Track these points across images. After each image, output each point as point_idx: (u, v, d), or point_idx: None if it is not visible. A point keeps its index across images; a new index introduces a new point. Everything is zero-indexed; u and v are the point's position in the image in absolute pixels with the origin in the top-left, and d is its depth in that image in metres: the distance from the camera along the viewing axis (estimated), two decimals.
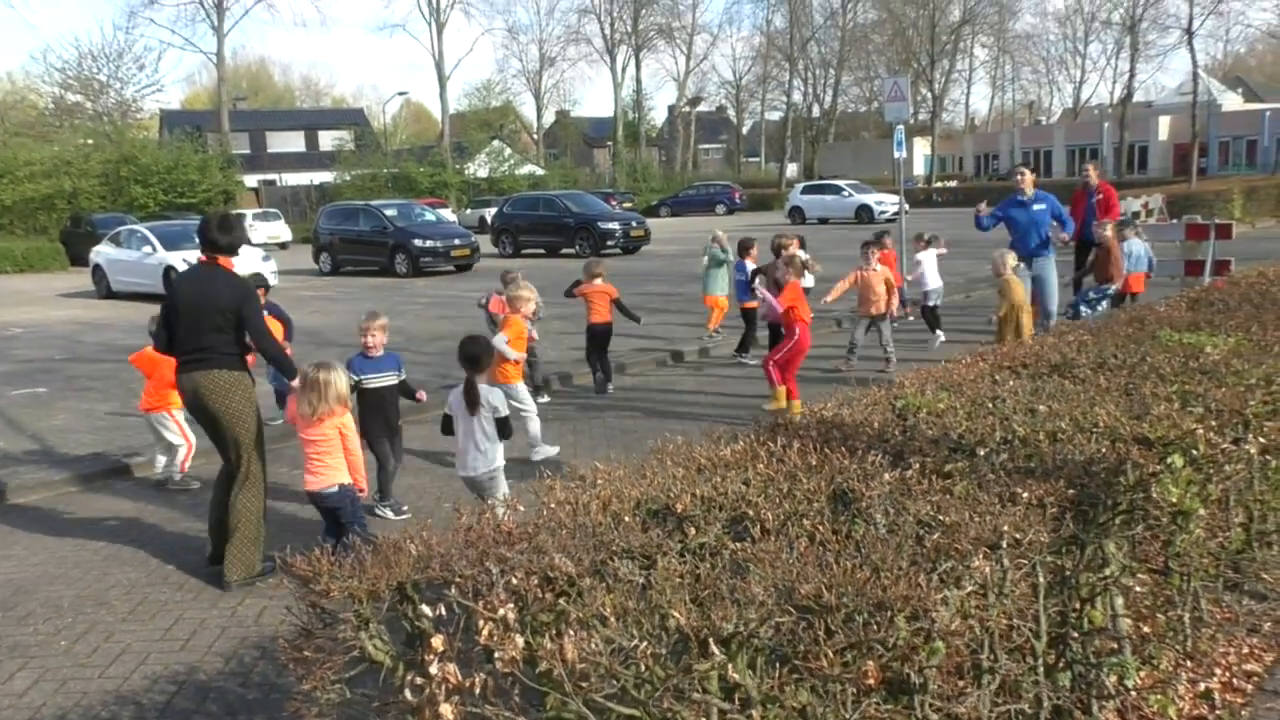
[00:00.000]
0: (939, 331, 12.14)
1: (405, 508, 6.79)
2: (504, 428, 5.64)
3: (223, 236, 5.68)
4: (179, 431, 7.49)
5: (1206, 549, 3.93)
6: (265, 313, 6.22)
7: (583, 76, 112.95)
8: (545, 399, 9.99)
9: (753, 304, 11.33)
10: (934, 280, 12.35)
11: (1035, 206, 11.33)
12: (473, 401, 5.58)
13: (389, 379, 6.82)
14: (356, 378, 6.53)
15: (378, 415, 6.77)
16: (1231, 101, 68.34)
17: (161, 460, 7.66)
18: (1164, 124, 63.51)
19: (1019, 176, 11.64)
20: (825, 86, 71.45)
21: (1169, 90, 71.83)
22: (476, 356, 5.67)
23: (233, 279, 5.70)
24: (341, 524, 5.53)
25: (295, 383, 5.70)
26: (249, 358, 5.77)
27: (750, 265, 11.56)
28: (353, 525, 5.46)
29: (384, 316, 6.98)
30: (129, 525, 6.76)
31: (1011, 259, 9.62)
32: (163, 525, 6.73)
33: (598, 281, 10.37)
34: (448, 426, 5.76)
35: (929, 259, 12.44)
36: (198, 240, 5.85)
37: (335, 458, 5.50)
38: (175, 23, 69.29)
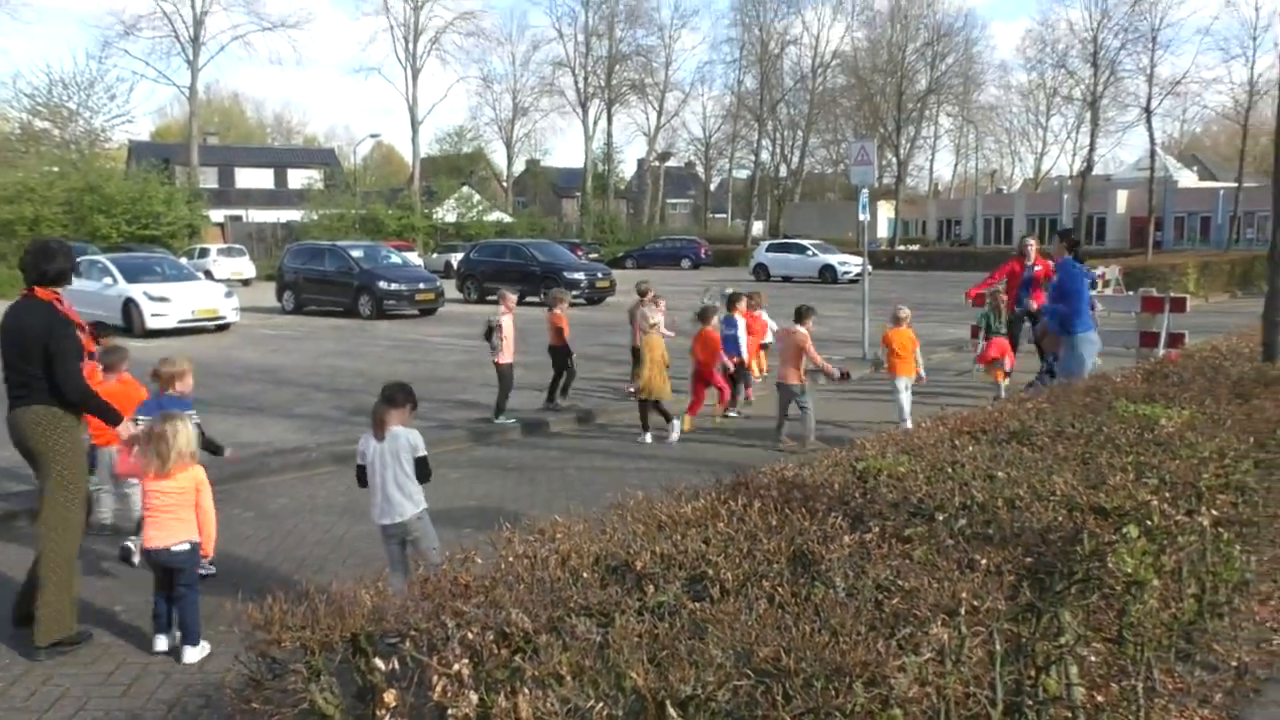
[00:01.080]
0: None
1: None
2: (423, 468, 5.49)
3: (46, 264, 5.31)
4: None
5: (1160, 619, 3.96)
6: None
7: (554, 127, 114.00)
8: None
9: (732, 358, 11.54)
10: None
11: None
12: (379, 432, 5.40)
13: None
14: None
15: None
16: (1187, 179, 70.14)
17: (106, 505, 7.25)
18: (1122, 197, 64.99)
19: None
20: (793, 147, 72.46)
21: (1127, 165, 73.52)
22: (392, 395, 5.50)
23: (45, 310, 5.26)
24: (176, 586, 5.13)
25: (120, 431, 5.45)
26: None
27: (740, 319, 11.68)
28: (188, 593, 5.12)
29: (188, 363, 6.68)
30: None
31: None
32: (103, 565, 6.57)
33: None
34: (362, 476, 5.52)
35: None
36: (20, 272, 5.40)
37: (187, 513, 5.12)
38: (149, 55, 68.85)
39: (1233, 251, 41.11)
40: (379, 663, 2.38)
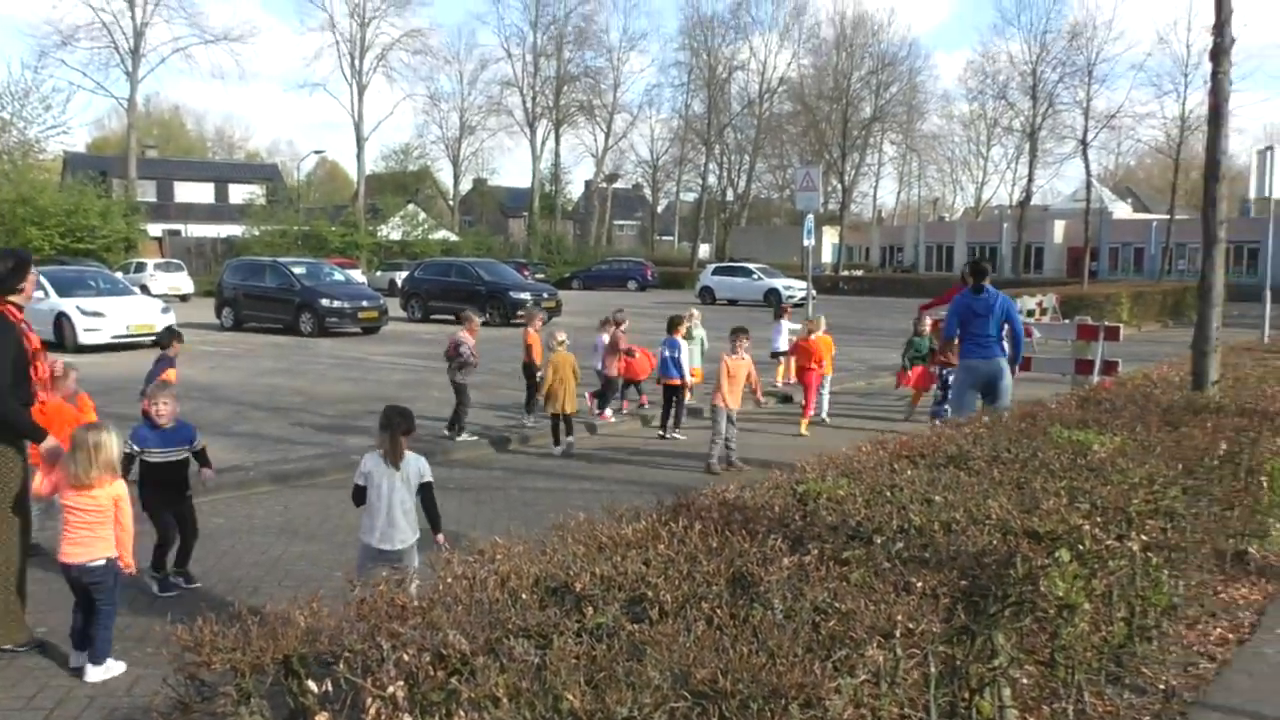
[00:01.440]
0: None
1: (186, 581, 6.39)
2: (428, 494, 5.42)
3: (12, 277, 5.25)
4: None
5: (1090, 642, 4.03)
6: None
7: (502, 147, 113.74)
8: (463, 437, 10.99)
9: (674, 380, 11.73)
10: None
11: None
12: (397, 458, 5.30)
13: (177, 454, 6.30)
14: (137, 449, 6.14)
15: (161, 490, 6.23)
16: (1122, 210, 71.99)
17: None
18: (1059, 228, 66.49)
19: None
20: (740, 171, 73.16)
21: (1065, 196, 75.27)
22: (399, 421, 5.36)
23: None
24: (92, 601, 5.04)
25: (44, 447, 5.26)
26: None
27: (681, 341, 11.77)
28: (104, 610, 5.02)
29: (173, 387, 6.60)
30: None
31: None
32: (31, 587, 6.39)
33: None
34: (360, 496, 5.38)
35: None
36: None
37: (106, 529, 5.02)
38: (88, 65, 67.51)
39: (1165, 282, 42.23)
40: (311, 685, 2.35)
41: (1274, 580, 6.32)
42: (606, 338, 12.58)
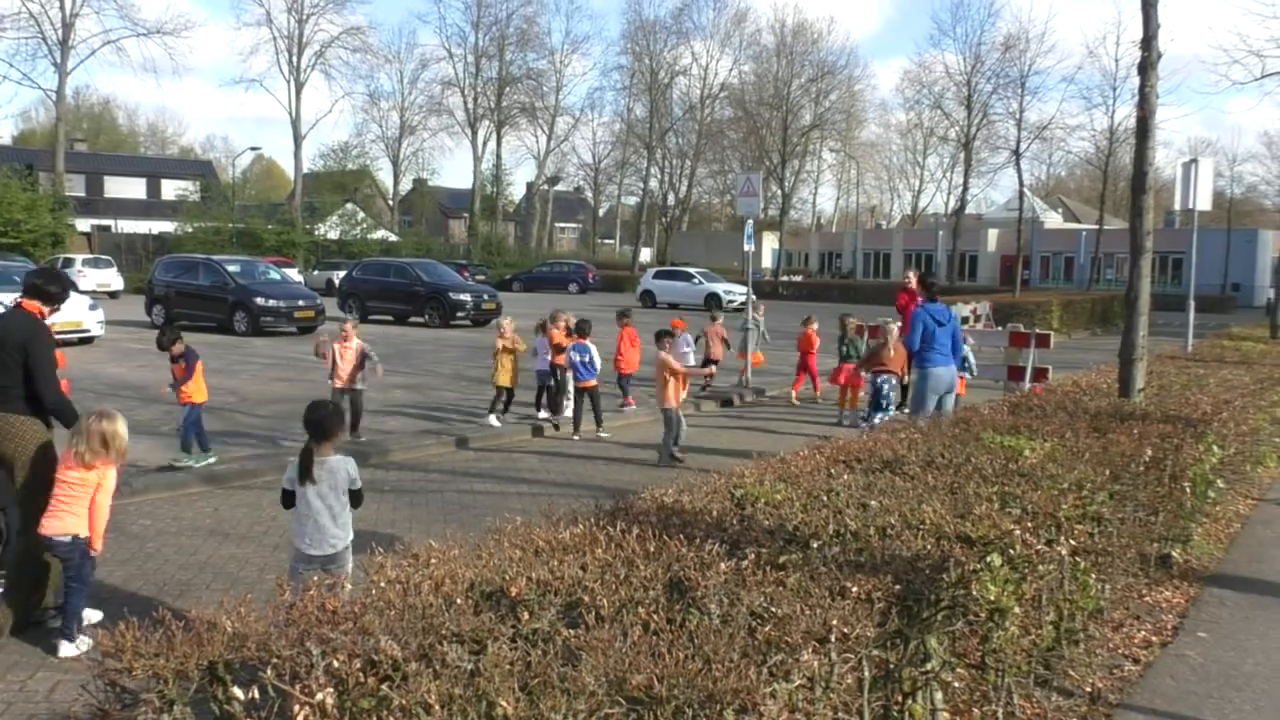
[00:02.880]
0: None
1: None
2: (357, 499, 5.29)
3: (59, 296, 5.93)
4: None
5: (1020, 646, 4.09)
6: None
7: (443, 147, 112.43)
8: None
9: (590, 383, 11.75)
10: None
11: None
12: (307, 471, 5.14)
13: None
14: None
15: None
16: (1053, 220, 73.53)
17: None
18: (992, 236, 67.75)
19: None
20: (681, 176, 73.37)
21: (998, 205, 76.69)
22: (320, 422, 5.20)
23: (28, 317, 5.74)
24: (65, 578, 5.26)
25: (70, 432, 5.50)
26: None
27: (592, 346, 11.82)
28: (74, 585, 5.21)
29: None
30: None
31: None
32: None
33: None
34: (289, 500, 5.23)
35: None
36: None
37: (80, 506, 5.22)
38: (14, 56, 65.83)
39: (1094, 291, 43.25)
40: (237, 692, 2.29)
41: (1196, 584, 6.49)
42: (547, 340, 12.57)
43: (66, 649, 5.11)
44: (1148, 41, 8.29)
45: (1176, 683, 4.93)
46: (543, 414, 12.51)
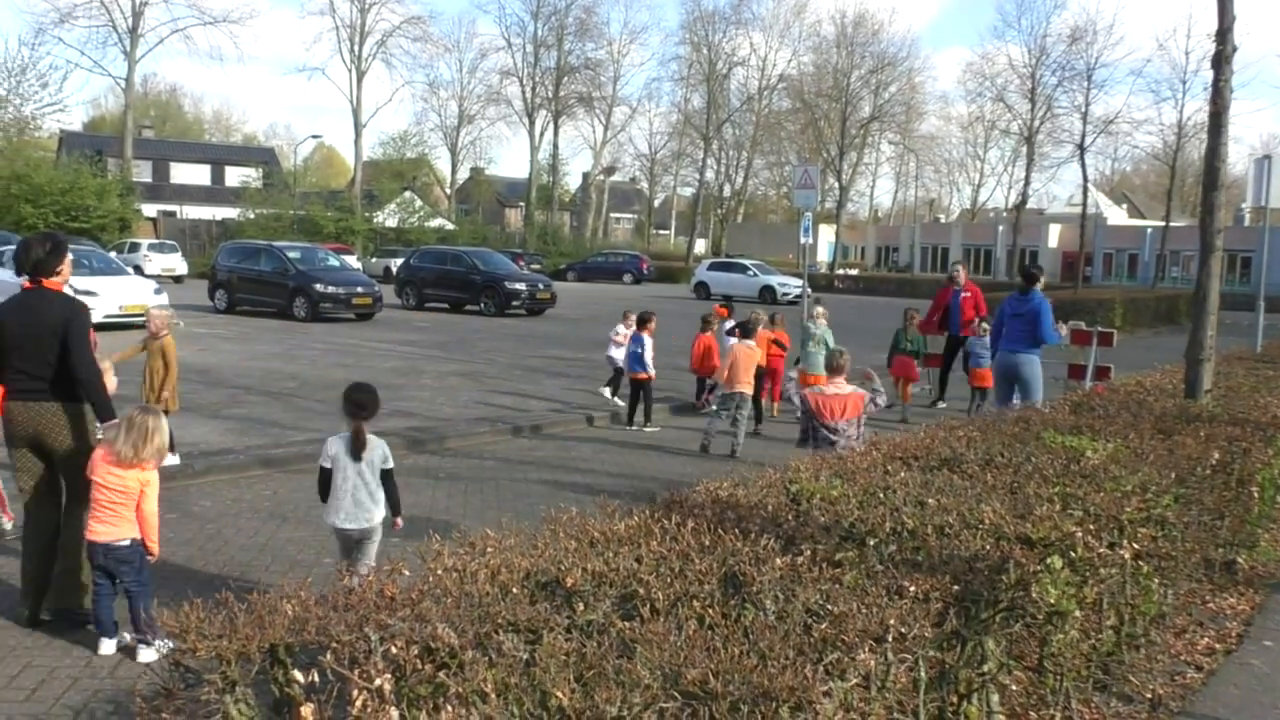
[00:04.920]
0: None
1: None
2: (389, 479, 5.44)
3: (52, 259, 5.42)
4: None
5: (1079, 650, 4.02)
6: None
7: (500, 136, 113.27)
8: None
9: (643, 376, 11.64)
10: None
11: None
12: (359, 449, 5.34)
13: None
14: None
15: None
16: (1117, 216, 72.12)
17: None
18: (1054, 232, 66.57)
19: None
20: (737, 167, 73.06)
21: (1060, 200, 75.39)
22: (364, 404, 5.41)
23: (64, 299, 5.43)
24: (125, 584, 5.06)
25: (108, 425, 5.32)
26: None
27: (648, 339, 11.79)
28: (137, 590, 5.05)
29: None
30: None
31: None
32: (13, 566, 6.34)
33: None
34: (326, 479, 5.41)
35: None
36: (15, 265, 5.52)
37: (128, 510, 5.06)
38: (85, 44, 67.39)
39: (1158, 289, 42.32)
40: (298, 675, 2.32)
41: (1262, 590, 6.33)
42: (624, 329, 12.69)
43: (146, 654, 4.91)
44: (1223, 35, 8.08)
45: (1240, 691, 4.82)
46: (612, 396, 12.68)
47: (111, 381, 5.54)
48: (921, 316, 14.14)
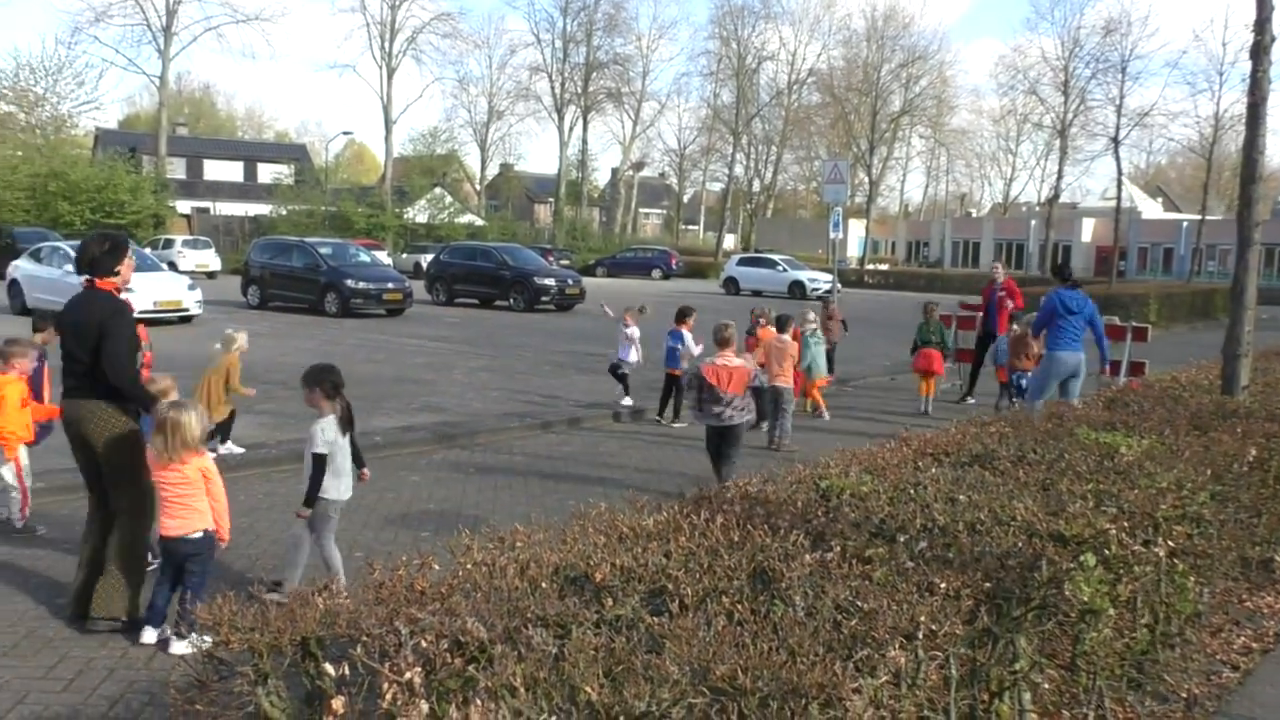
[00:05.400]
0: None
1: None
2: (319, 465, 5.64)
3: (108, 259, 5.46)
4: (15, 472, 6.89)
5: (1113, 648, 3.98)
6: None
7: (529, 132, 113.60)
8: None
9: (678, 371, 11.57)
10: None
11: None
12: (351, 423, 5.87)
13: None
14: None
15: None
16: (1151, 209, 71.25)
17: None
18: (1088, 226, 65.86)
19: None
20: (767, 162, 72.80)
21: (1094, 194, 74.65)
22: (341, 382, 5.90)
23: (107, 297, 5.44)
24: (188, 574, 5.16)
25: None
26: None
27: (688, 334, 11.72)
28: (197, 577, 5.15)
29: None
30: (16, 556, 6.46)
31: None
32: (51, 558, 6.44)
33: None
34: (323, 466, 5.64)
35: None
36: (75, 264, 5.62)
37: (199, 501, 5.14)
38: (120, 43, 68.34)
39: (1194, 283, 41.76)
40: (329, 668, 2.34)
41: None
42: (630, 329, 12.56)
43: (178, 646, 4.95)
44: (1261, 25, 7.95)
45: (1278, 691, 4.75)
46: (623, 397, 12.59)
47: (198, 422, 5.25)
48: (941, 310, 14.16)
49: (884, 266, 62.49)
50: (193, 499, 5.13)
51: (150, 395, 5.51)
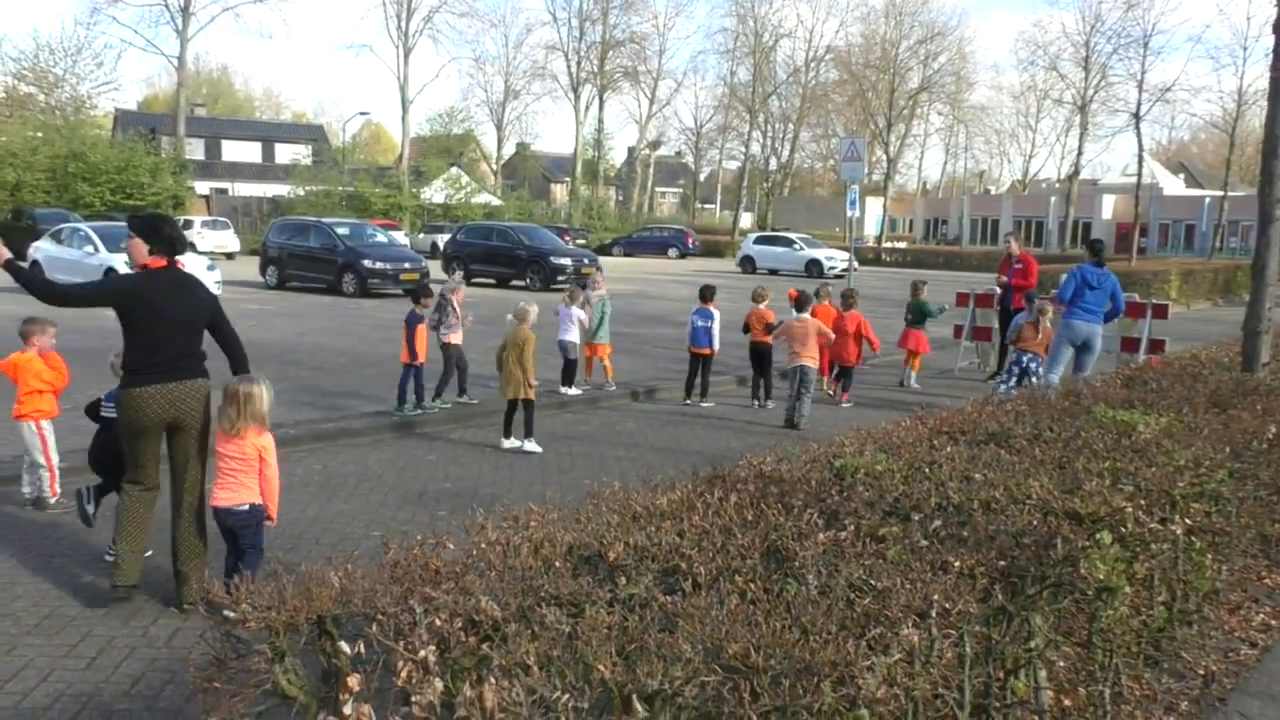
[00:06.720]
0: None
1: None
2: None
3: (183, 237, 5.62)
4: (42, 449, 7.00)
5: (1129, 626, 3.97)
6: None
7: (546, 111, 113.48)
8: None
9: (703, 350, 11.52)
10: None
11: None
12: None
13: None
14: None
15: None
16: (1173, 186, 70.52)
17: (26, 479, 7.15)
18: (1108, 202, 65.28)
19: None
20: (784, 140, 72.46)
21: (1115, 170, 73.97)
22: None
23: (194, 279, 5.62)
24: (241, 546, 5.29)
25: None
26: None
27: (714, 312, 11.64)
28: (250, 551, 5.26)
29: None
30: (39, 535, 6.54)
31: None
32: (74, 538, 6.51)
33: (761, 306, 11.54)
34: None
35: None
36: (151, 242, 5.40)
37: (251, 478, 5.25)
38: (138, 23, 68.70)
39: (1216, 260, 41.39)
40: (344, 646, 2.36)
41: None
42: (578, 312, 12.19)
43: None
44: None
45: None
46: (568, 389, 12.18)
47: (268, 395, 5.39)
48: (928, 285, 14.47)
49: (902, 244, 62.16)
50: (245, 475, 5.24)
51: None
